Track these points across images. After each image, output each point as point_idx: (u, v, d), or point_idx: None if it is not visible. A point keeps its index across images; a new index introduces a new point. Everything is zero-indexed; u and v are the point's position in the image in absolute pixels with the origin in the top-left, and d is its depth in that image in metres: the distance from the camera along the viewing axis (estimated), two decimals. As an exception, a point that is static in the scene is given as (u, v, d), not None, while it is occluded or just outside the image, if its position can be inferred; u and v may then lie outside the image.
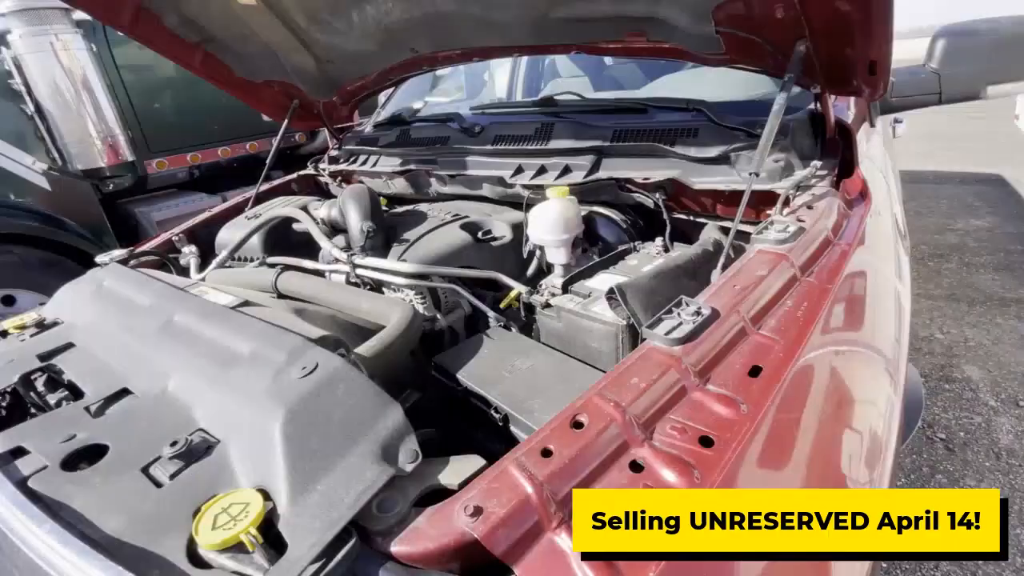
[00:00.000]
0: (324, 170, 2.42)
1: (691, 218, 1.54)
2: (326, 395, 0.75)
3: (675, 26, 1.30)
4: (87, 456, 0.79)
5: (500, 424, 0.85)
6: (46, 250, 3.43)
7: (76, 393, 1.02)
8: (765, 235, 1.07)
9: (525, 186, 1.65)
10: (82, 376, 1.01)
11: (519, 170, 1.67)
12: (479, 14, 1.50)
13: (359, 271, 1.50)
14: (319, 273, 1.67)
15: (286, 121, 2.36)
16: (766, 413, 0.73)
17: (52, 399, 0.97)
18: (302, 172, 2.58)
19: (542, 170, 1.62)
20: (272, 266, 1.85)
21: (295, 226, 1.92)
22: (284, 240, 1.98)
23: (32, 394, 1.03)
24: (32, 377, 1.04)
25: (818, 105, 1.41)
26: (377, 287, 1.60)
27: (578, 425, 0.72)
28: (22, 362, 1.09)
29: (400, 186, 2.14)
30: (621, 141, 1.56)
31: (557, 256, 1.46)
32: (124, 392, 0.94)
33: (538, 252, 1.66)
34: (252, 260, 1.89)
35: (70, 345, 1.16)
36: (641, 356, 0.81)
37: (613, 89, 2.96)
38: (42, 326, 1.28)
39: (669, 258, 1.03)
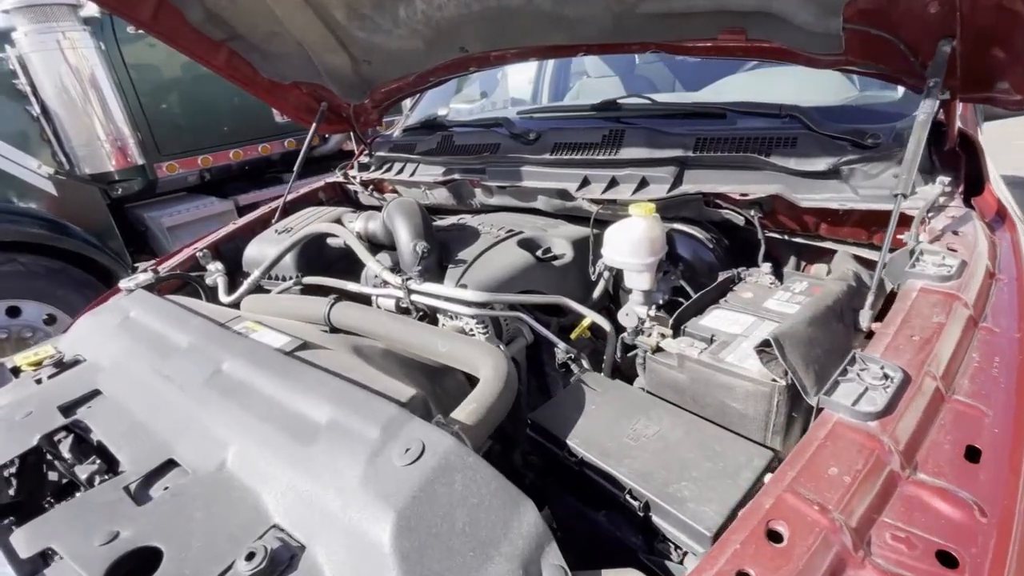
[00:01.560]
0: (355, 178, 2.26)
1: (785, 237, 1.38)
2: (443, 492, 0.59)
3: (789, 22, 1.13)
4: (135, 562, 0.62)
5: (639, 513, 0.69)
6: (52, 258, 3.26)
7: (105, 456, 0.86)
8: (921, 268, 0.90)
9: (593, 200, 1.48)
10: (114, 437, 0.85)
11: (585, 182, 1.51)
12: (549, 9, 1.33)
13: (415, 298, 1.34)
14: (366, 299, 1.50)
15: (314, 126, 2.20)
16: (1018, 520, 0.57)
17: (82, 472, 0.80)
18: (329, 179, 2.41)
19: (613, 183, 1.46)
20: (307, 286, 1.69)
21: (331, 241, 1.76)
22: (318, 257, 1.81)
23: (54, 458, 0.87)
24: (56, 438, 0.87)
25: (940, 113, 1.24)
26: (431, 314, 1.43)
27: (775, 537, 0.55)
28: (42, 416, 0.92)
29: (441, 196, 1.97)
30: (705, 151, 1.39)
31: (639, 281, 1.30)
32: (170, 464, 0.77)
33: (606, 274, 1.50)
34: (285, 279, 1.73)
35: (96, 393, 1.00)
36: (829, 435, 0.65)
37: (647, 91, 2.80)
38: (61, 365, 1.12)
39: (818, 298, 0.87)
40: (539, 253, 1.53)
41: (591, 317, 1.35)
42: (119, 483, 0.74)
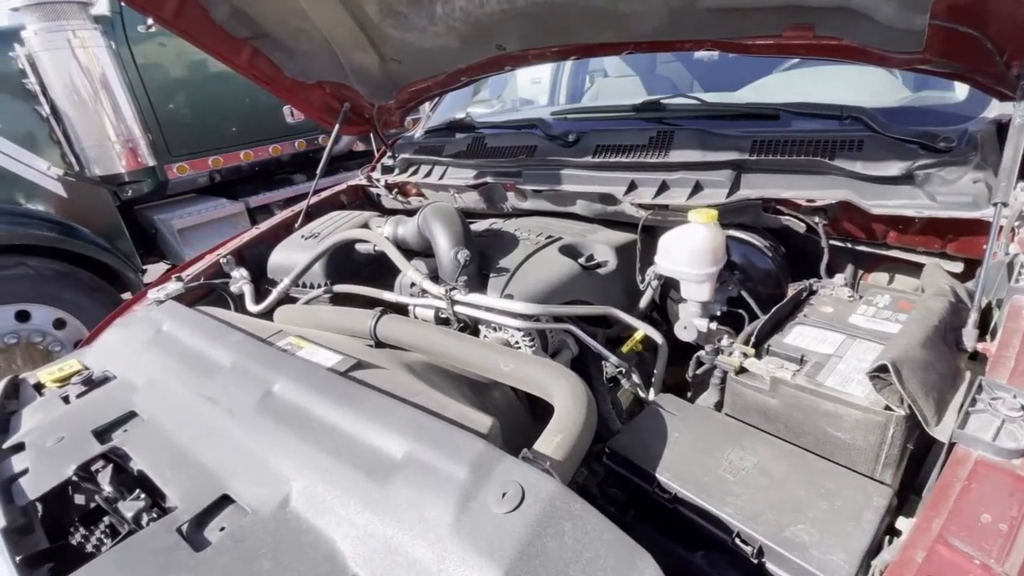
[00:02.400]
0: (378, 180, 2.19)
1: (848, 245, 1.31)
2: (553, 546, 0.52)
3: (867, 18, 1.06)
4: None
5: (752, 559, 0.62)
6: (62, 261, 3.19)
7: (146, 486, 0.79)
8: (1027, 283, 0.83)
9: (642, 205, 1.41)
10: (158, 467, 0.78)
11: (632, 186, 1.44)
12: (602, 5, 1.26)
13: (458, 309, 1.27)
14: (403, 308, 1.43)
15: (336, 127, 2.13)
16: None
17: (127, 508, 0.73)
18: (351, 182, 2.34)
19: (663, 187, 1.39)
20: (338, 295, 1.62)
21: (359, 247, 1.69)
22: (346, 263, 1.74)
23: (93, 491, 0.80)
24: (94, 468, 0.80)
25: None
26: (472, 325, 1.36)
27: (940, 599, 0.48)
28: (76, 442, 0.85)
29: (471, 200, 1.90)
30: (763, 153, 1.32)
31: (697, 292, 1.23)
32: (225, 501, 0.70)
33: (654, 283, 1.43)
34: (313, 286, 1.66)
35: (131, 415, 0.93)
36: (972, 475, 0.58)
37: (667, 92, 2.72)
38: (91, 383, 1.05)
39: (923, 317, 0.80)
40: (582, 261, 1.47)
41: (643, 329, 1.28)
42: (171, 523, 0.66)
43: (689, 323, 1.24)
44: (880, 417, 0.70)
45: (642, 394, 1.33)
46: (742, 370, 0.87)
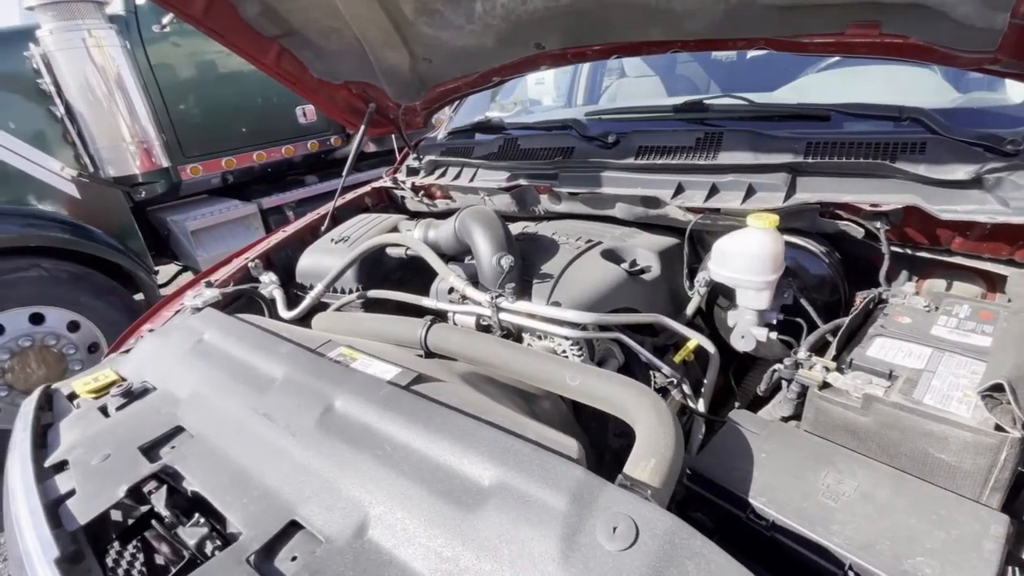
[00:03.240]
0: (404, 183, 2.14)
1: (907, 251, 1.26)
2: (679, 588, 0.47)
3: (943, 16, 1.01)
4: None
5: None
6: (76, 263, 3.15)
7: (203, 508, 0.74)
8: None
9: (691, 209, 1.36)
10: (216, 489, 0.73)
11: (679, 189, 1.39)
12: (653, 2, 1.21)
13: (503, 316, 1.22)
14: (442, 315, 1.39)
15: (362, 128, 2.08)
16: None
17: (189, 535, 0.69)
18: (375, 184, 2.30)
19: (714, 190, 1.34)
20: (371, 300, 1.57)
21: (390, 250, 1.65)
22: (377, 267, 1.70)
23: (148, 515, 0.75)
24: (146, 490, 0.76)
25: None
26: (516, 333, 1.32)
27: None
28: (123, 460, 0.81)
29: (502, 203, 1.86)
30: (818, 156, 1.27)
31: (755, 300, 1.18)
32: (294, 527, 0.65)
33: (702, 290, 1.38)
34: (345, 291, 1.62)
35: (179, 430, 0.88)
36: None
37: (687, 92, 2.68)
38: (131, 395, 1.00)
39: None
40: (625, 266, 1.42)
41: (695, 339, 1.24)
42: (239, 553, 0.62)
43: (747, 332, 1.20)
44: (992, 439, 0.66)
45: (692, 405, 1.28)
46: (825, 385, 0.82)
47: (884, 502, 0.67)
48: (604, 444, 1.34)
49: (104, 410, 1.00)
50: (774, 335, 1.17)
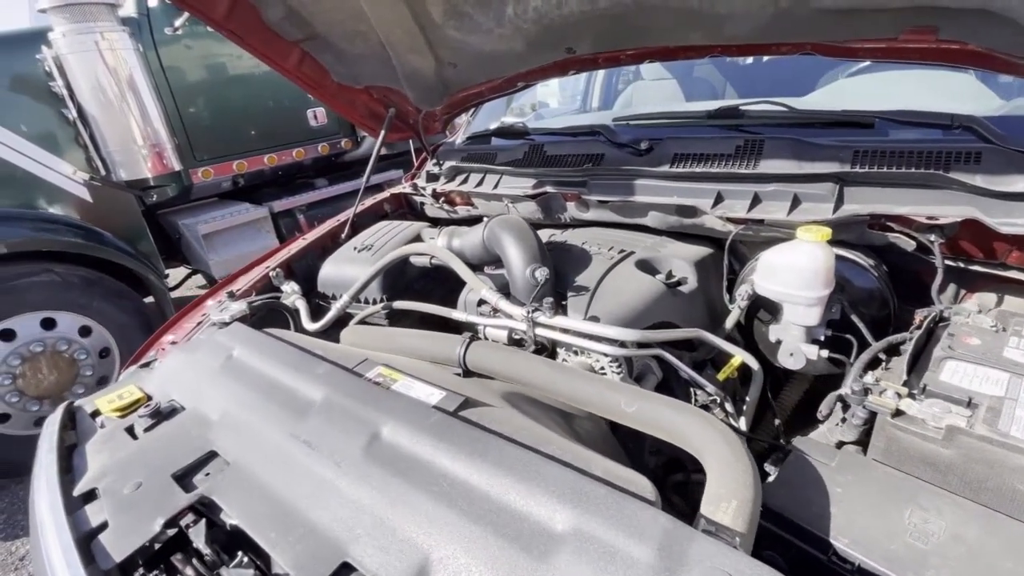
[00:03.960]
0: (423, 189, 2.10)
1: (960, 264, 1.21)
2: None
3: (1009, 21, 0.96)
4: None
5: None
6: (87, 267, 3.12)
7: (244, 542, 0.70)
8: None
9: (732, 219, 1.32)
10: (259, 524, 0.69)
11: (719, 199, 1.34)
12: (697, 5, 1.17)
13: (539, 331, 1.17)
14: (470, 327, 1.34)
15: (382, 133, 2.04)
16: None
17: (233, 577, 0.64)
18: (394, 190, 2.26)
19: (756, 200, 1.29)
20: (396, 311, 1.53)
21: (414, 260, 1.61)
22: (400, 277, 1.66)
23: (184, 551, 0.71)
24: (183, 523, 0.71)
25: None
26: (550, 348, 1.27)
27: None
28: (157, 489, 0.77)
29: (527, 210, 1.82)
30: (867, 165, 1.22)
31: (805, 316, 1.13)
32: (346, 569, 0.61)
33: (741, 303, 1.33)
34: (369, 301, 1.58)
35: (212, 455, 0.84)
36: None
37: (705, 96, 2.63)
38: (159, 415, 0.96)
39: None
40: (661, 277, 1.38)
41: (739, 355, 1.19)
42: (290, 599, 0.58)
43: (796, 350, 1.15)
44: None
45: (735, 424, 1.23)
46: (898, 412, 0.78)
47: (976, 543, 0.62)
48: (641, 462, 1.29)
49: (131, 431, 0.96)
50: (825, 353, 1.12)
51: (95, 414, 1.09)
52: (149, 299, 3.49)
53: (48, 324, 2.97)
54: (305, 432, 0.79)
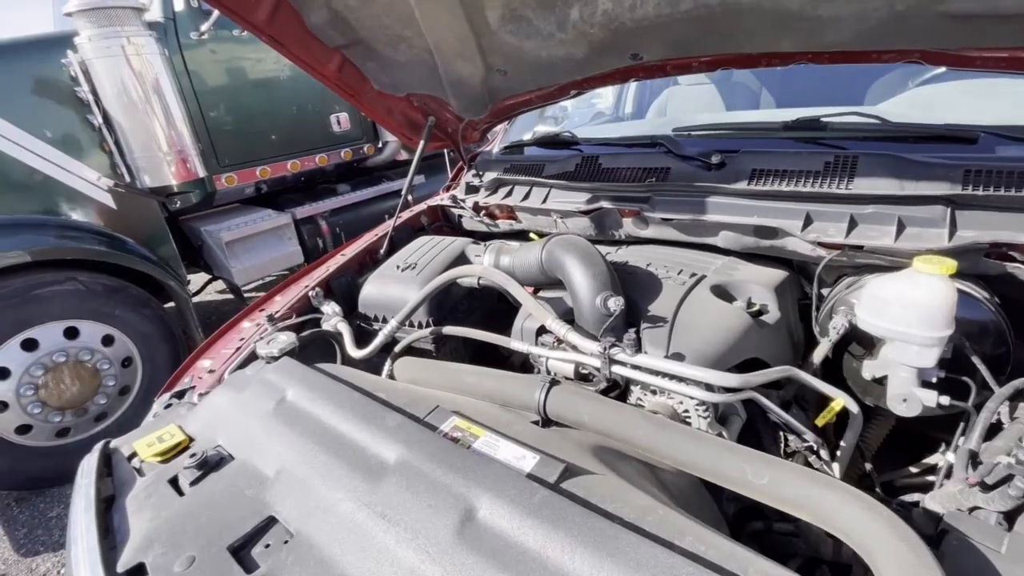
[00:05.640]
0: (463, 201, 2.00)
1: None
2: None
3: None
4: None
5: None
6: (111, 275, 3.07)
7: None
8: None
9: (827, 244, 1.19)
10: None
11: (808, 221, 1.22)
12: (797, 9, 1.05)
13: (616, 370, 1.06)
14: (525, 358, 1.23)
15: (422, 143, 1.95)
16: None
17: None
18: (431, 202, 2.16)
19: (853, 223, 1.17)
20: (443, 336, 1.43)
21: (462, 281, 1.50)
22: (446, 297, 1.56)
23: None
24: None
25: None
26: (623, 385, 1.16)
27: None
28: (214, 567, 0.66)
29: (578, 226, 1.70)
30: (979, 186, 1.09)
31: (920, 358, 1.00)
32: None
33: (833, 336, 1.21)
34: (416, 325, 1.47)
35: (271, 521, 0.74)
36: None
37: (747, 103, 2.50)
38: (206, 465, 0.86)
39: None
40: (740, 304, 1.26)
41: (840, 399, 1.06)
42: None
43: (910, 395, 1.02)
44: None
45: (830, 473, 1.11)
46: (1017, 513, 0.65)
47: None
48: (720, 509, 1.17)
49: (175, 483, 0.86)
50: (946, 400, 1.00)
51: (132, 456, 0.99)
52: (170, 304, 3.43)
53: (71, 333, 2.91)
54: (381, 501, 0.68)
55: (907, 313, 0.98)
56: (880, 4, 0.98)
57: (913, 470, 1.35)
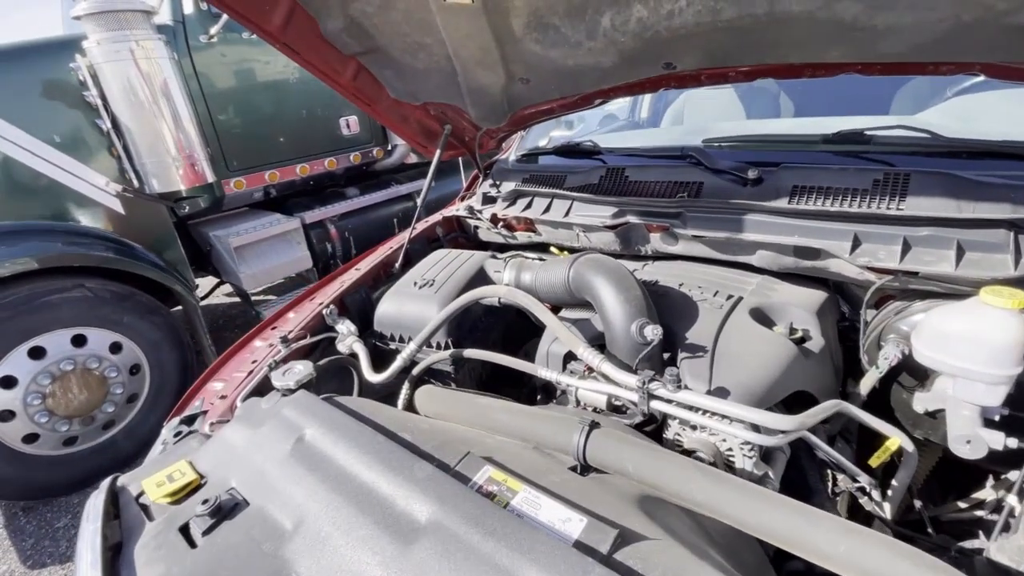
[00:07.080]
0: (479, 212, 1.93)
1: None
2: None
3: None
4: None
5: None
6: (119, 282, 3.03)
7: None
8: None
9: (878, 270, 1.12)
10: None
11: (857, 242, 1.14)
12: (850, 18, 0.97)
13: (656, 405, 0.99)
14: (551, 387, 1.17)
15: (438, 153, 1.88)
16: None
17: None
18: (446, 213, 2.09)
19: (907, 246, 1.09)
20: (463, 359, 1.36)
21: (485, 301, 1.43)
22: (466, 315, 1.49)
23: None
24: None
25: None
26: (660, 419, 1.09)
27: None
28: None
29: (601, 241, 1.63)
30: (1046, 209, 1.02)
31: (985, 396, 0.93)
32: None
33: (883, 366, 1.13)
34: (434, 346, 1.41)
35: (292, 581, 0.68)
36: None
37: (769, 110, 2.41)
38: (219, 512, 0.80)
39: None
40: (781, 330, 1.18)
41: (895, 436, 0.99)
42: None
43: (975, 436, 0.95)
44: None
45: (883, 515, 1.04)
46: None
47: None
48: (763, 549, 1.11)
49: (186, 532, 0.80)
50: (1013, 443, 0.92)
51: (138, 497, 0.93)
52: (177, 308, 3.39)
53: (78, 341, 2.87)
54: (413, 570, 0.62)
55: (974, 350, 0.90)
56: (946, 14, 0.90)
57: (962, 505, 1.27)
